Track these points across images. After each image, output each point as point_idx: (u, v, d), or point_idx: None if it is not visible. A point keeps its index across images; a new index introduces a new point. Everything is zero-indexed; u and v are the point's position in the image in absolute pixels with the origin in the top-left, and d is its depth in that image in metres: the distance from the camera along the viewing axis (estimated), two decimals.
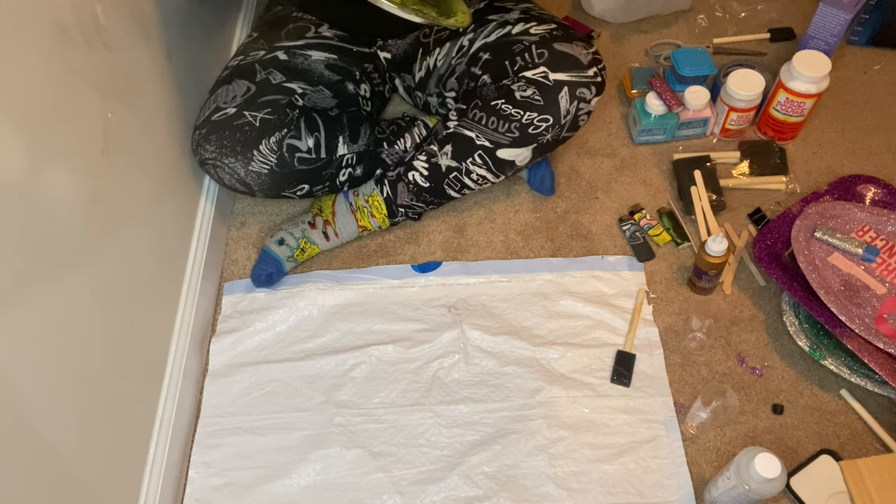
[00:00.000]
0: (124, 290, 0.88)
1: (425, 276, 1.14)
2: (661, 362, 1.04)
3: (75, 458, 0.76)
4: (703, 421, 0.98)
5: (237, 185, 1.02)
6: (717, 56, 1.40)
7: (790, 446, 0.96)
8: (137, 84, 0.94)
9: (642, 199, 1.22)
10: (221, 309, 1.11)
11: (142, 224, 0.94)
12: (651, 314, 1.08)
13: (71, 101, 0.78)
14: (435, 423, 0.99)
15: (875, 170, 1.22)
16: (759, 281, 1.11)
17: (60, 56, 0.76)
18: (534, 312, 1.09)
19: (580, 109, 1.02)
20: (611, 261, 1.14)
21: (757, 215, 1.18)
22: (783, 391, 1.01)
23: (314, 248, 1.14)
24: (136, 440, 0.89)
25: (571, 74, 0.99)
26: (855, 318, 0.97)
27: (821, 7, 1.23)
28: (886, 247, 1.07)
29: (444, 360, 1.04)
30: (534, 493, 0.93)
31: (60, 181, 0.75)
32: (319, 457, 0.97)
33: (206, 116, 1.00)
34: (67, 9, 0.78)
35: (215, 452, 0.98)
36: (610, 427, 0.98)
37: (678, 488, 0.93)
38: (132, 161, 0.91)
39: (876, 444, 0.96)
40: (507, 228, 1.19)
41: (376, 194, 1.12)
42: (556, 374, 1.03)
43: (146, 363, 0.94)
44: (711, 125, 1.28)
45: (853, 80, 1.36)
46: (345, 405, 1.01)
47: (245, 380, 1.04)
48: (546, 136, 1.03)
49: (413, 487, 0.94)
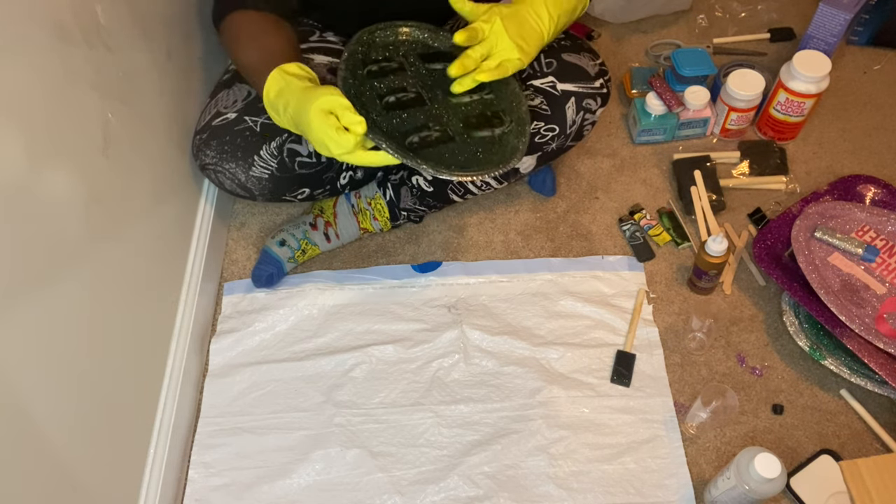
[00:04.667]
0: (124, 291, 0.88)
1: (425, 276, 1.14)
2: (661, 362, 1.04)
3: (75, 458, 0.76)
4: (703, 421, 0.98)
5: (238, 189, 1.02)
6: (717, 56, 1.40)
7: (790, 446, 0.96)
8: (137, 84, 0.94)
9: (642, 199, 1.22)
10: (221, 309, 1.12)
11: (142, 224, 0.94)
12: (651, 314, 1.08)
13: (71, 101, 0.78)
14: (435, 423, 0.99)
15: (875, 170, 1.22)
16: (759, 281, 1.11)
17: (60, 56, 0.76)
18: (534, 312, 1.09)
19: (586, 120, 1.03)
20: (611, 261, 1.14)
21: (757, 215, 1.18)
22: (783, 391, 1.01)
23: (315, 249, 1.14)
24: (136, 440, 0.89)
25: (579, 85, 0.99)
26: (855, 318, 0.97)
27: (821, 7, 1.23)
28: (886, 247, 1.07)
29: (444, 360, 1.04)
30: (534, 493, 0.93)
31: (60, 181, 0.75)
32: (319, 457, 0.97)
33: (206, 121, 1.00)
34: (67, 9, 0.78)
35: (215, 452, 0.98)
36: (610, 427, 0.98)
37: (678, 488, 0.93)
38: (132, 161, 0.91)
39: (876, 444, 0.96)
40: (507, 228, 1.19)
41: (379, 197, 1.12)
42: (556, 374, 1.03)
43: (146, 363, 0.94)
44: (711, 125, 1.28)
45: (853, 80, 1.36)
46: (345, 405, 1.01)
47: (245, 380, 1.04)
48: (551, 144, 1.03)
49: (413, 487, 0.94)
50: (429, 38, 0.98)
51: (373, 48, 0.94)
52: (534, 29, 0.90)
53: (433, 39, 0.98)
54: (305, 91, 0.83)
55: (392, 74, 0.93)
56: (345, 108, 0.80)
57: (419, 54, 0.96)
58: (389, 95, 0.91)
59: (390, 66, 0.93)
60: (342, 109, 0.80)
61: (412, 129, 0.88)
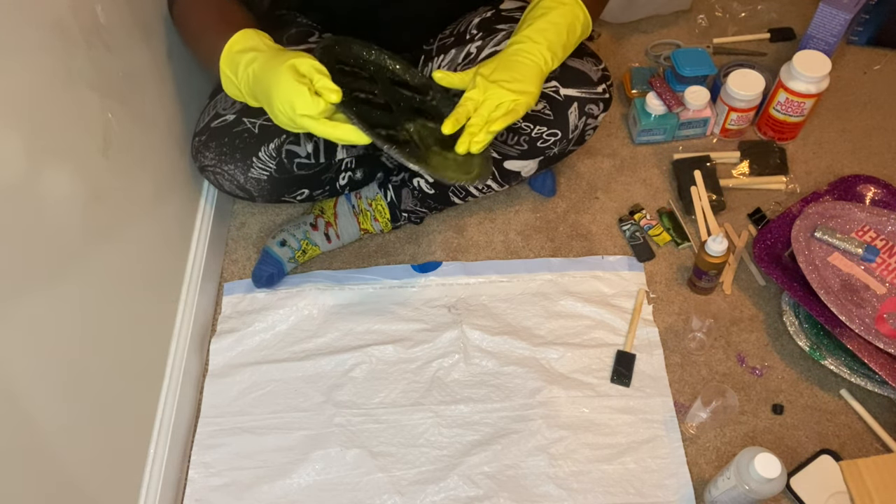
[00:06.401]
0: (124, 291, 0.88)
1: (425, 276, 1.14)
2: (661, 362, 1.04)
3: (75, 458, 0.76)
4: (703, 421, 0.98)
5: (237, 191, 1.02)
6: (717, 56, 1.40)
7: (790, 446, 0.96)
8: (137, 84, 0.94)
9: (642, 199, 1.22)
10: (221, 309, 1.12)
11: (142, 224, 0.94)
12: (651, 314, 1.08)
13: (71, 101, 0.78)
14: (435, 423, 0.99)
15: (875, 170, 1.22)
16: (759, 281, 1.11)
17: (60, 56, 0.76)
18: (534, 312, 1.09)
19: (588, 125, 1.03)
20: (611, 261, 1.14)
21: (757, 215, 1.18)
22: (783, 391, 1.01)
23: (315, 250, 1.14)
24: (136, 440, 0.89)
25: (581, 90, 0.99)
26: (855, 318, 0.97)
27: (821, 7, 1.23)
28: (886, 247, 1.07)
29: (444, 360, 1.04)
30: (534, 493, 0.93)
31: (60, 181, 0.75)
32: (319, 457, 0.97)
33: (205, 123, 1.00)
34: (67, 9, 0.78)
35: (215, 452, 0.98)
36: (610, 427, 0.98)
37: (678, 488, 0.93)
38: (132, 161, 0.91)
39: (876, 444, 0.96)
40: (507, 228, 1.19)
41: (380, 198, 1.12)
42: (556, 374, 1.03)
43: (146, 363, 0.94)
44: (711, 125, 1.28)
45: (853, 80, 1.36)
46: (345, 405, 1.01)
47: (245, 380, 1.04)
48: (553, 149, 1.03)
49: (413, 487, 0.94)
50: (401, 69, 0.95)
51: (349, 54, 0.91)
52: (526, 65, 0.86)
53: (406, 73, 0.95)
54: (278, 51, 0.79)
55: (363, 81, 0.89)
56: (321, 73, 0.75)
57: (389, 78, 0.94)
58: (359, 92, 0.87)
59: (362, 74, 0.90)
60: (318, 73, 0.75)
61: (381, 125, 0.83)
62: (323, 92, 0.74)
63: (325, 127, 0.76)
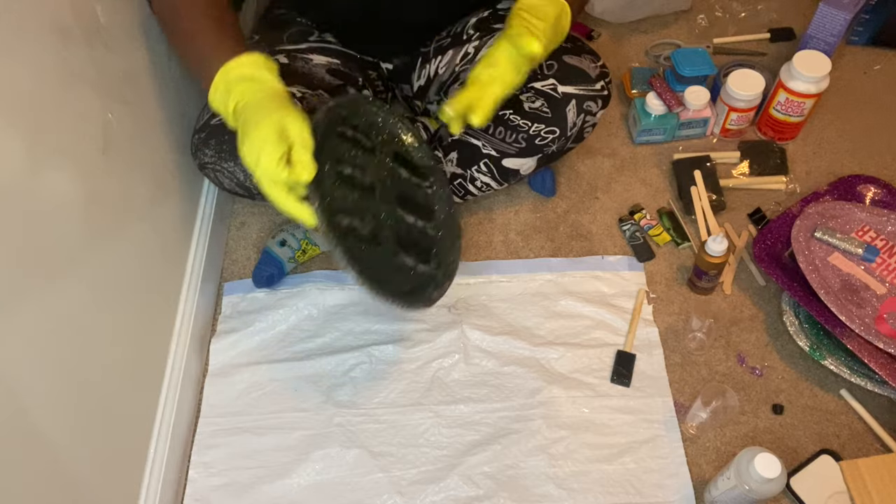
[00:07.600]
0: (124, 291, 0.88)
1: None
2: (661, 362, 1.04)
3: (75, 458, 0.76)
4: (703, 421, 0.98)
5: (237, 188, 1.02)
6: (717, 56, 1.40)
7: (790, 446, 0.96)
8: (137, 84, 0.94)
9: (642, 199, 1.22)
10: (221, 309, 1.12)
11: (142, 224, 0.94)
12: (651, 314, 1.08)
13: (71, 101, 0.78)
14: (435, 423, 0.99)
15: (875, 170, 1.22)
16: (759, 281, 1.11)
17: (60, 56, 0.76)
18: (534, 312, 1.09)
19: (586, 122, 1.03)
20: (611, 261, 1.14)
21: (757, 215, 1.18)
22: (783, 391, 1.01)
23: (316, 250, 1.14)
24: (136, 440, 0.89)
25: (580, 88, 0.99)
26: (855, 318, 0.97)
27: (821, 7, 1.23)
28: (886, 247, 1.07)
29: (444, 360, 1.04)
30: (534, 493, 0.93)
31: (60, 181, 0.75)
32: (319, 457, 0.97)
33: (205, 120, 1.00)
34: (67, 9, 0.78)
35: (215, 452, 0.98)
36: (610, 427, 0.98)
37: (678, 488, 0.93)
38: (132, 161, 0.92)
39: (876, 444, 0.96)
40: (507, 228, 1.19)
41: None
42: (556, 374, 1.03)
43: (146, 363, 0.94)
44: (711, 125, 1.28)
45: (853, 80, 1.36)
46: (345, 405, 1.01)
47: (245, 380, 1.04)
48: (552, 147, 1.03)
49: (413, 487, 0.94)
50: (411, 144, 0.94)
51: (357, 115, 0.88)
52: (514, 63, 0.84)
53: (414, 149, 0.94)
54: (277, 96, 0.76)
55: (360, 150, 0.87)
56: (305, 145, 0.72)
57: (394, 151, 0.92)
58: (347, 166, 0.84)
59: (363, 142, 0.88)
60: (300, 143, 0.72)
61: (348, 210, 0.81)
62: (296, 165, 0.71)
63: (279, 194, 0.72)
